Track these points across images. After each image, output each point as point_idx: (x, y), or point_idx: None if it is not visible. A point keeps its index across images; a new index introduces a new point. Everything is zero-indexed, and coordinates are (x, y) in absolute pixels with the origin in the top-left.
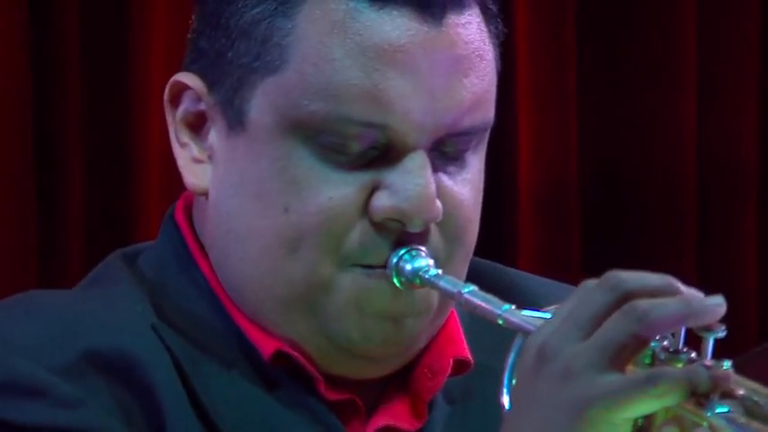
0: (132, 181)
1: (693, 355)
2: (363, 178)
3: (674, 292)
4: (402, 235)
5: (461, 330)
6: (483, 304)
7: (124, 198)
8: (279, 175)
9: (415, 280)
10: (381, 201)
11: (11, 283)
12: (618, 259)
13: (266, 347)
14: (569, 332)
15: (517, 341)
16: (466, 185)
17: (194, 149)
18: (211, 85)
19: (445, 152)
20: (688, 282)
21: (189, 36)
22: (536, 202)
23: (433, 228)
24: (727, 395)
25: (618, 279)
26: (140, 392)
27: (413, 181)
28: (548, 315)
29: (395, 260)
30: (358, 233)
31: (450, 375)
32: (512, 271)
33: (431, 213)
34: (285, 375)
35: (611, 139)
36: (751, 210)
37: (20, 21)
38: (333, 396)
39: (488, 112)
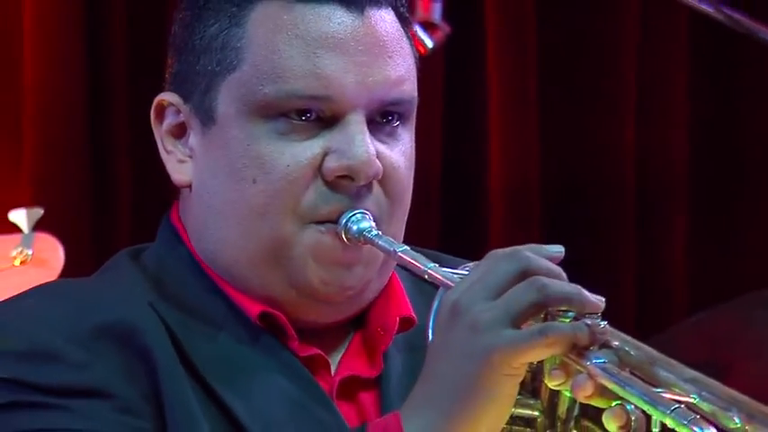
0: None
1: None
2: (314, 145)
3: (560, 274)
4: (351, 191)
5: (406, 294)
6: (413, 261)
7: (166, 196)
8: (246, 153)
9: (360, 238)
10: (330, 163)
11: (72, 268)
12: (572, 249)
13: (252, 310)
14: (479, 293)
15: (440, 293)
16: (401, 155)
17: (178, 153)
18: (186, 96)
19: (379, 123)
20: (629, 264)
21: (166, 69)
22: (504, 199)
23: (375, 186)
24: (605, 346)
25: (523, 254)
26: (140, 356)
27: (354, 142)
28: (465, 273)
29: (344, 221)
30: (313, 192)
31: (398, 332)
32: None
33: (372, 167)
34: (266, 334)
35: (568, 146)
36: (682, 208)
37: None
38: (304, 352)
39: (413, 90)
